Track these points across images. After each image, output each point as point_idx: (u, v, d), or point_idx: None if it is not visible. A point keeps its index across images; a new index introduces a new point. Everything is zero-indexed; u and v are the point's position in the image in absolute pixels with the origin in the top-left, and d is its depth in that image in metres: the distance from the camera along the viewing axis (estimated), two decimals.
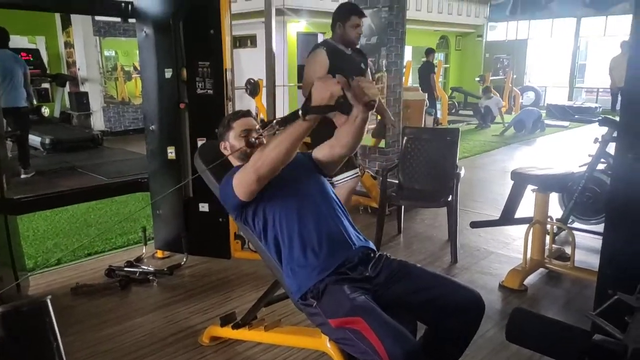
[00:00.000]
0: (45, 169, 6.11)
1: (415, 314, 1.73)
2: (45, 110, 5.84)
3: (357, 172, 3.24)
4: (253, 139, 1.68)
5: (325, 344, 1.85)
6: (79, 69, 9.08)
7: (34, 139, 7.12)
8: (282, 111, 5.04)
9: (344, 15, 3.06)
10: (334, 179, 3.10)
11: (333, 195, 1.87)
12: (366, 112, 1.64)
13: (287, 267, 1.73)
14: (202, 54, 3.02)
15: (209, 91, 3.05)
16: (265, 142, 1.74)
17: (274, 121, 1.59)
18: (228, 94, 3.07)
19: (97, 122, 9.14)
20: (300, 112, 1.50)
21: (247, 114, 2.00)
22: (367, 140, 7.42)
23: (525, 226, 3.05)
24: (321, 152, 1.91)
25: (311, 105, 1.49)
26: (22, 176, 5.76)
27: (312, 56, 3.06)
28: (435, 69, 9.86)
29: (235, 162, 1.98)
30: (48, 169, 6.14)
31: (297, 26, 10.51)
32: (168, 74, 3.07)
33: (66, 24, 9.10)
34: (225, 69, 3.02)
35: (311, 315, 1.67)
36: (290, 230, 1.72)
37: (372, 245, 1.82)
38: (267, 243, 1.79)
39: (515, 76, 13.17)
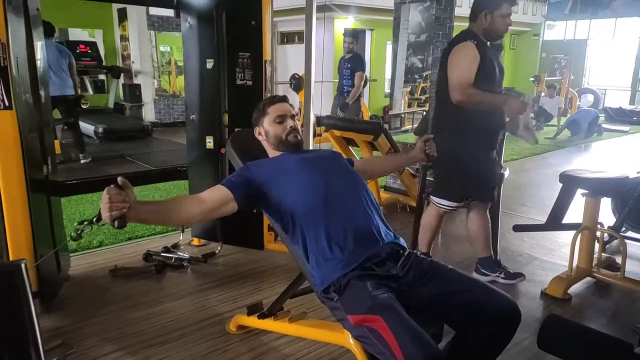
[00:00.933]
0: (96, 156, 6.36)
1: (444, 318, 1.65)
2: (85, 102, 6.10)
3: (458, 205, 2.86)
4: (75, 235, 1.77)
5: (349, 340, 1.80)
6: (132, 62, 9.41)
7: (88, 128, 7.44)
8: (321, 106, 4.98)
9: (495, 3, 2.56)
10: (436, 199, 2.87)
11: (363, 190, 1.81)
12: (424, 161, 2.14)
13: (313, 260, 1.69)
14: (243, 45, 3.04)
15: (248, 82, 3.06)
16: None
17: (86, 221, 1.62)
18: (267, 85, 3.07)
19: (148, 114, 9.45)
20: (94, 220, 1.59)
21: (283, 99, 1.98)
22: (410, 137, 7.26)
23: (573, 233, 2.88)
24: (361, 164, 2.10)
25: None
26: (82, 161, 6.04)
27: (460, 50, 2.57)
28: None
29: (269, 150, 1.96)
30: (99, 157, 6.38)
31: (345, 22, 10.45)
32: (209, 64, 3.11)
33: (122, 18, 9.46)
34: (265, 61, 3.03)
35: (333, 309, 1.63)
36: (317, 224, 1.68)
37: (402, 242, 1.76)
38: (294, 235, 1.76)
39: (572, 77, 12.55)
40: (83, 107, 5.97)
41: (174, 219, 1.64)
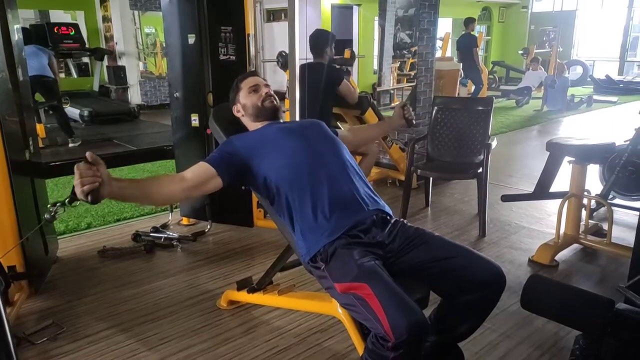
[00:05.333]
0: (83, 140, 6.28)
1: (430, 284, 1.66)
2: (67, 101, 6.10)
3: None
4: (49, 216, 1.55)
5: (337, 309, 1.81)
6: (116, 43, 9.22)
7: (73, 112, 7.33)
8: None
9: None
10: None
11: (347, 158, 1.80)
12: (404, 127, 2.25)
13: (298, 230, 1.69)
14: (225, 19, 2.98)
15: (231, 57, 3.01)
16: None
17: (59, 202, 1.51)
18: (250, 60, 3.02)
19: (134, 96, 9.30)
20: (66, 200, 1.45)
21: (253, 73, 2.03)
22: None
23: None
24: (342, 135, 2.04)
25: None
26: (70, 145, 5.98)
27: None
28: (477, 41, 8.86)
29: (250, 124, 1.95)
30: (86, 140, 6.31)
31: None
32: (191, 39, 3.04)
33: None
34: (248, 35, 2.97)
35: (320, 278, 1.63)
36: (302, 193, 1.67)
37: (388, 209, 1.75)
38: (280, 206, 1.75)
39: (561, 49, 12.50)
40: (64, 106, 5.94)
41: (154, 197, 1.60)
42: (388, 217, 1.71)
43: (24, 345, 2.05)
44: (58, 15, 9.79)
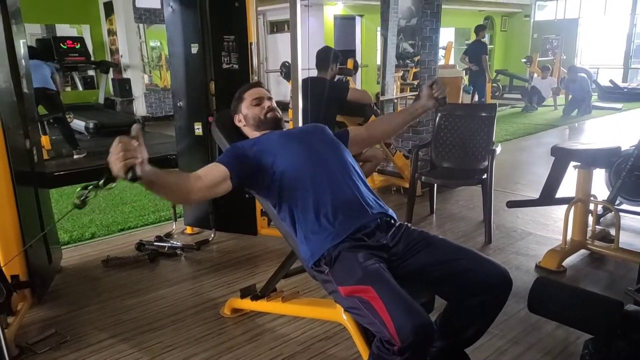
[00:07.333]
0: (88, 151, 6.32)
1: (435, 288, 1.64)
2: (70, 118, 6.18)
3: None
4: (79, 201, 1.52)
5: (341, 315, 1.79)
6: (121, 56, 9.31)
7: (79, 124, 7.38)
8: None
9: None
10: None
11: (350, 162, 1.79)
12: (435, 107, 1.90)
13: (302, 234, 1.67)
14: (228, 28, 3.00)
15: (234, 66, 3.02)
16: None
17: (92, 184, 1.47)
18: (253, 68, 3.04)
19: (139, 108, 9.37)
20: (100, 182, 1.40)
21: (257, 84, 2.01)
22: None
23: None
24: (355, 132, 1.99)
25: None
26: (75, 157, 6.02)
27: None
28: (487, 49, 9.04)
29: (251, 134, 1.95)
30: (91, 152, 6.33)
31: (334, 9, 10.37)
32: (194, 49, 3.06)
33: (109, 12, 9.35)
34: (250, 43, 2.99)
35: (324, 282, 1.61)
36: (305, 198, 1.66)
37: (391, 212, 1.74)
38: (282, 212, 1.74)
39: (564, 57, 12.49)
40: (69, 122, 6.04)
41: (178, 189, 1.53)
42: (392, 221, 1.70)
43: (26, 354, 2.04)
44: (64, 30, 9.91)
